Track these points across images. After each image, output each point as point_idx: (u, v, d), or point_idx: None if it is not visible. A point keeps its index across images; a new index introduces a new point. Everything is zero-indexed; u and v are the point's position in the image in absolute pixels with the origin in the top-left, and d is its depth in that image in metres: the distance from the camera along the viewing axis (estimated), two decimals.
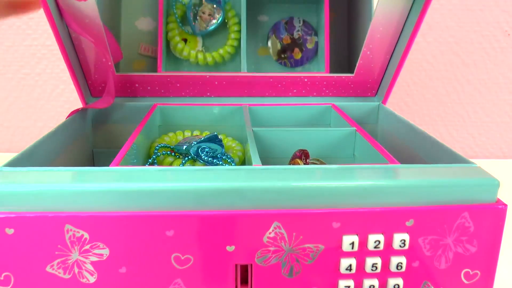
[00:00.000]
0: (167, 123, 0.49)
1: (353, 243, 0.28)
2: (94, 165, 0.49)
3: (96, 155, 0.49)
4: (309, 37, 0.53)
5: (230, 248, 0.28)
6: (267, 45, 0.54)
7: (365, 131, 0.41)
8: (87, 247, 0.27)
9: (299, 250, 0.28)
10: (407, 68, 0.68)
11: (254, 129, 0.41)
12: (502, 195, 0.30)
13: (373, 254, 0.29)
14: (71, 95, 0.68)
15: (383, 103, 0.49)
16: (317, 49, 0.54)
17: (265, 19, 0.54)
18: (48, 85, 0.68)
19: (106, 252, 0.27)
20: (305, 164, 0.37)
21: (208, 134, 0.43)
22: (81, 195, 0.27)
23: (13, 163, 0.31)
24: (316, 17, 0.54)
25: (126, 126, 0.48)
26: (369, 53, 0.46)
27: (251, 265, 0.29)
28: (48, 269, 0.28)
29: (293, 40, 0.53)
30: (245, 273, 0.29)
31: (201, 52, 0.53)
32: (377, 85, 0.49)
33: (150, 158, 0.43)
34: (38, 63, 0.68)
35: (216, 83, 0.48)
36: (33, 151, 0.34)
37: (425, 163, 0.33)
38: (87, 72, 0.45)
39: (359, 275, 0.29)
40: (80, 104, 0.47)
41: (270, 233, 0.28)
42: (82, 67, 0.45)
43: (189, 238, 0.28)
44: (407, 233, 0.28)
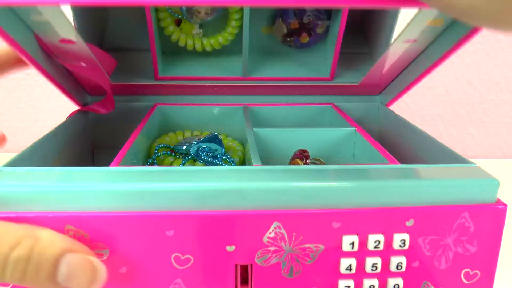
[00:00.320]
0: (167, 123, 0.49)
1: (353, 243, 0.28)
2: (94, 165, 0.49)
3: (96, 155, 0.49)
4: (320, 22, 0.48)
5: (230, 248, 0.28)
6: (272, 25, 0.50)
7: (365, 131, 0.41)
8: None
9: (299, 250, 0.28)
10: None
11: (254, 129, 0.41)
12: (502, 195, 0.30)
13: (373, 254, 0.29)
14: None
15: (387, 105, 0.49)
16: (327, 32, 0.49)
17: None
18: (48, 85, 0.68)
19: (106, 252, 0.27)
20: (305, 164, 0.37)
21: (208, 134, 0.43)
22: (81, 195, 0.27)
23: (13, 163, 0.31)
24: None
25: (126, 126, 0.48)
26: (376, 73, 0.44)
27: (251, 265, 0.29)
28: None
29: (302, 25, 0.48)
30: (245, 273, 0.29)
31: (198, 39, 0.48)
32: (380, 89, 0.49)
33: (150, 158, 0.43)
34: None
35: (216, 83, 0.48)
36: (33, 151, 0.34)
37: (425, 163, 0.33)
38: (81, 80, 0.45)
39: (359, 275, 0.29)
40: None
41: (270, 233, 0.28)
42: (74, 77, 0.44)
43: (189, 238, 0.28)
44: (407, 233, 0.28)
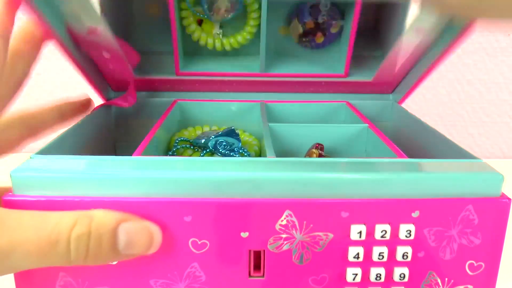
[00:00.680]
0: (187, 118, 0.51)
1: (360, 232, 0.29)
2: None
3: (118, 148, 0.52)
4: (334, 22, 0.49)
5: (244, 234, 0.30)
6: (288, 25, 0.51)
7: (376, 128, 0.43)
8: None
9: (309, 238, 0.30)
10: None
11: (270, 124, 0.43)
12: None
13: (380, 243, 0.30)
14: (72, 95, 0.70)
15: (399, 103, 0.50)
16: (341, 33, 0.51)
17: None
18: (48, 85, 0.70)
19: None
20: (320, 155, 0.39)
21: (225, 128, 0.44)
22: (106, 181, 0.29)
23: (43, 152, 0.33)
24: None
25: (147, 121, 0.50)
26: (389, 65, 0.46)
27: (264, 251, 0.30)
28: None
29: (317, 24, 0.50)
30: (258, 258, 0.31)
31: (218, 38, 0.50)
32: (393, 87, 0.50)
33: (170, 150, 0.45)
34: (38, 63, 0.68)
35: (234, 79, 0.50)
36: (60, 142, 0.36)
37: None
38: (106, 74, 0.47)
39: (366, 263, 0.31)
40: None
41: (282, 221, 0.29)
42: (100, 71, 0.46)
43: (205, 224, 0.29)
44: (413, 224, 0.30)
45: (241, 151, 0.43)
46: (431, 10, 0.18)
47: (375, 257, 0.30)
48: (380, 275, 0.31)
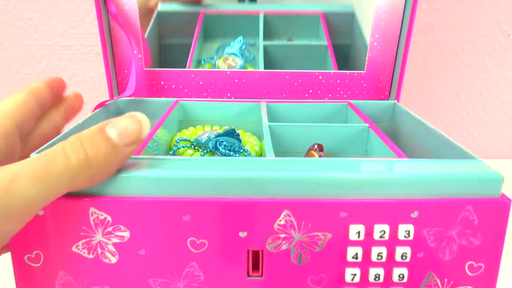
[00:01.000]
0: (188, 118, 0.51)
1: (359, 232, 0.29)
2: None
3: None
4: None
5: (242, 234, 0.30)
6: None
7: (377, 128, 0.42)
8: (110, 229, 0.29)
9: (308, 237, 0.30)
10: (408, 68, 0.68)
11: (269, 123, 0.43)
12: None
13: (379, 243, 0.30)
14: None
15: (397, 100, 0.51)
16: None
17: None
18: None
19: (127, 234, 0.29)
20: (319, 156, 0.39)
21: (226, 128, 0.44)
22: (105, 180, 0.29)
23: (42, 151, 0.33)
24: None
25: (149, 120, 0.50)
26: (376, 44, 0.48)
27: (262, 250, 0.30)
28: (74, 249, 0.30)
29: None
30: (256, 258, 0.31)
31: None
32: (389, 84, 0.50)
33: (170, 150, 0.45)
34: (38, 63, 0.68)
35: (236, 80, 0.50)
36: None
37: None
38: (118, 67, 0.49)
39: (365, 263, 0.30)
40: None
41: (280, 221, 0.29)
42: (115, 64, 0.49)
43: (204, 223, 0.29)
44: (412, 224, 0.30)
45: (241, 151, 0.43)
46: None
47: (374, 258, 0.30)
48: (379, 275, 0.30)
